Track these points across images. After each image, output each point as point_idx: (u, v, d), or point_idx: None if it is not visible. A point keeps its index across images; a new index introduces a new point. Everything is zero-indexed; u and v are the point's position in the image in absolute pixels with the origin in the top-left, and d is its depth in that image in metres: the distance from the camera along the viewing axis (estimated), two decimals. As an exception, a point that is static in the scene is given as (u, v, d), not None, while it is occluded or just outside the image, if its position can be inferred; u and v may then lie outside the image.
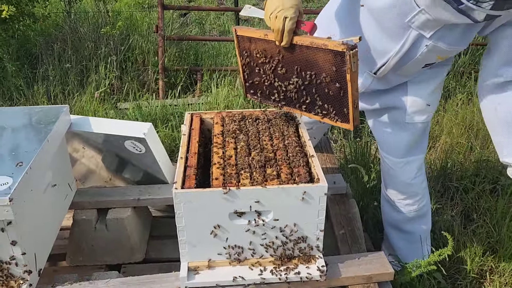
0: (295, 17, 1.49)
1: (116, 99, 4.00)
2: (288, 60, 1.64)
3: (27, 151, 1.56)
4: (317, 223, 1.53)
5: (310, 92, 1.63)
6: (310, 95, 1.64)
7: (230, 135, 1.76)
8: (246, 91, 1.89)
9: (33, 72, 4.11)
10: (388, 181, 2.11)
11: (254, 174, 1.54)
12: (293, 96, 1.70)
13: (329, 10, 1.95)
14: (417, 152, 2.00)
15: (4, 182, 1.39)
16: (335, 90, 1.54)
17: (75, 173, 2.38)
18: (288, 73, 1.67)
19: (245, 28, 1.74)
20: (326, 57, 1.50)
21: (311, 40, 1.51)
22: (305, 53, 1.56)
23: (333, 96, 1.57)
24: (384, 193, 2.19)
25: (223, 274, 1.56)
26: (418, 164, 2.02)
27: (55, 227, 1.81)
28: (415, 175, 2.03)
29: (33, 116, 1.81)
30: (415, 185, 2.05)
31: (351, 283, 1.61)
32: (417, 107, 1.90)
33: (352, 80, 1.47)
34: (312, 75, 1.58)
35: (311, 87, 1.62)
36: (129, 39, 4.38)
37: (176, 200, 1.44)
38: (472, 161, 3.11)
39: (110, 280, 1.62)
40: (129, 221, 2.00)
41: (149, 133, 1.93)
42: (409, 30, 1.61)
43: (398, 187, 2.07)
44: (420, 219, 2.15)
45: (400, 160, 1.99)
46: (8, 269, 1.48)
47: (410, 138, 1.95)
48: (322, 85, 1.58)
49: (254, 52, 1.73)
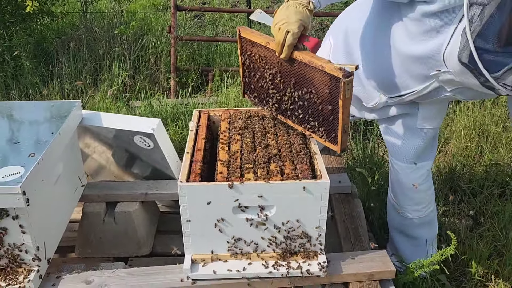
0: (297, 33, 1.48)
1: (128, 98, 4.07)
2: (286, 72, 1.64)
3: (39, 143, 1.61)
4: (319, 219, 1.55)
5: (303, 107, 1.64)
6: (303, 110, 1.65)
7: (236, 132, 1.80)
8: (244, 91, 1.91)
9: (49, 70, 4.21)
10: (396, 186, 2.11)
11: (258, 169, 1.57)
12: (287, 107, 1.71)
13: (350, 23, 1.93)
14: (426, 158, 2.01)
15: (16, 172, 1.44)
16: (327, 111, 1.55)
17: (87, 168, 2.44)
18: (284, 84, 1.67)
19: (249, 31, 1.75)
20: (322, 79, 1.50)
21: (310, 58, 1.51)
22: (303, 69, 1.56)
23: (324, 117, 1.58)
24: (390, 198, 2.19)
25: (226, 267, 1.59)
26: (426, 170, 2.03)
27: (64, 218, 1.86)
28: (423, 181, 2.03)
29: (47, 110, 1.87)
30: (422, 191, 2.05)
31: (352, 280, 1.63)
32: (428, 114, 1.91)
33: (344, 106, 1.47)
34: (307, 92, 1.59)
35: (304, 102, 1.63)
36: (143, 39, 4.45)
37: (181, 193, 1.48)
38: (482, 165, 3.09)
39: (116, 270, 1.66)
40: (137, 215, 2.04)
41: (158, 128, 1.97)
42: (432, 80, 1.64)
43: (406, 192, 2.07)
44: (426, 225, 2.15)
45: (409, 165, 2.00)
46: (18, 256, 1.53)
47: (420, 144, 1.96)
48: (315, 104, 1.58)
49: (255, 56, 1.74)
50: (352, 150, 3.30)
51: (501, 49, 1.30)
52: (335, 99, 1.49)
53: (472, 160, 3.17)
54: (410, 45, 1.58)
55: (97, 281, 1.60)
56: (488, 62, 1.33)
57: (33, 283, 1.52)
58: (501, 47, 1.29)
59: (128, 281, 1.60)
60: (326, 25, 6.04)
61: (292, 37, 1.49)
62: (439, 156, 3.25)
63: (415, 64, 1.62)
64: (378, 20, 1.73)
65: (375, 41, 1.75)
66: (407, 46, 1.60)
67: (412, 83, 1.71)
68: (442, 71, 1.56)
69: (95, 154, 2.37)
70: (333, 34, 2.05)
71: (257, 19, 1.73)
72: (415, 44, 1.57)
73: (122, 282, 1.60)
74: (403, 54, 1.64)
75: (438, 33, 1.48)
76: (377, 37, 1.73)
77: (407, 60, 1.64)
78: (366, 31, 1.80)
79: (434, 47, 1.52)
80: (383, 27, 1.68)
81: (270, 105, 1.79)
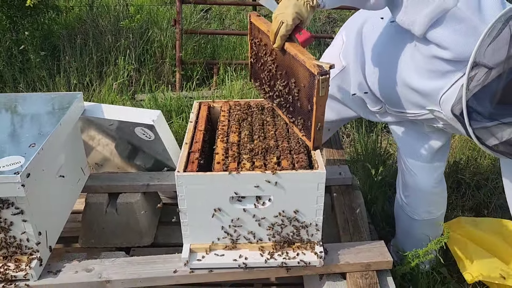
0: (291, 25, 1.48)
1: (134, 91, 4.10)
2: (279, 62, 1.66)
3: (40, 133, 1.64)
4: (316, 209, 1.56)
5: (288, 98, 1.65)
6: (287, 101, 1.66)
7: (235, 123, 1.81)
8: (251, 76, 1.94)
9: (56, 63, 4.25)
10: (410, 188, 2.04)
11: (255, 160, 1.58)
12: (278, 96, 1.72)
13: (366, 25, 1.90)
14: (441, 159, 1.97)
15: (17, 161, 1.47)
16: (306, 106, 1.54)
17: (91, 160, 2.47)
18: (277, 74, 1.69)
19: (259, 17, 1.77)
20: (304, 73, 1.50)
21: (296, 52, 1.51)
22: (291, 61, 1.56)
23: (303, 111, 1.58)
24: (400, 199, 2.14)
25: (224, 257, 1.60)
26: (441, 172, 1.99)
27: (67, 208, 1.89)
28: (438, 183, 2.00)
29: (49, 102, 1.89)
30: (436, 194, 2.03)
31: (349, 270, 1.63)
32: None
33: (318, 104, 1.45)
34: (292, 83, 1.60)
35: (289, 94, 1.64)
36: (148, 32, 4.47)
37: (179, 183, 1.50)
38: (487, 157, 3.06)
39: (116, 259, 1.69)
40: (139, 206, 2.07)
41: (158, 120, 1.99)
42: (427, 112, 1.67)
43: (419, 194, 2.02)
44: (434, 226, 2.11)
45: (425, 164, 1.95)
46: (20, 245, 1.56)
47: (436, 144, 1.92)
48: (296, 97, 1.59)
49: (260, 42, 1.76)
50: (356, 143, 3.30)
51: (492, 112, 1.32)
52: (312, 95, 1.48)
53: (477, 152, 3.14)
54: (413, 76, 1.59)
55: (97, 269, 1.63)
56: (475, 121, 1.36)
57: (35, 271, 1.55)
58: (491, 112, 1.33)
59: (127, 269, 1.63)
60: (333, 18, 6.01)
61: (285, 29, 1.49)
62: (444, 149, 3.23)
63: (414, 93, 1.64)
64: (392, 36, 1.71)
65: (383, 55, 1.74)
66: (410, 75, 1.61)
67: (408, 106, 1.74)
68: (436, 110, 1.60)
69: (99, 146, 2.40)
70: (346, 30, 2.01)
71: (265, 4, 1.74)
72: (418, 78, 1.58)
73: (121, 271, 1.62)
74: (405, 81, 1.65)
75: (442, 77, 1.50)
76: (385, 52, 1.72)
77: (407, 86, 1.65)
78: (378, 40, 1.78)
79: (434, 87, 1.53)
80: (394, 45, 1.67)
81: (267, 92, 1.80)
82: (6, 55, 4.21)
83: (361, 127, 3.37)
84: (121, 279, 1.60)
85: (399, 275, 1.90)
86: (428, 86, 1.56)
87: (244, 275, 1.62)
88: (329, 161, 2.41)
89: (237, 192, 1.52)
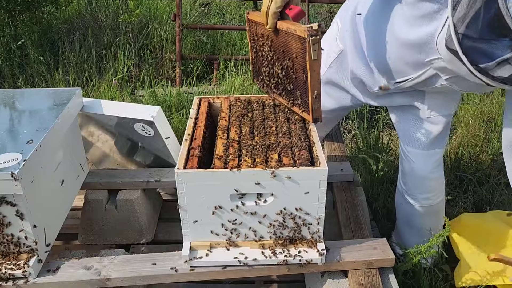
0: (280, 1, 1.48)
1: (133, 86, 4.07)
2: (275, 45, 1.64)
3: (38, 129, 1.62)
4: (318, 206, 1.54)
5: (286, 78, 1.64)
6: (285, 81, 1.65)
7: (236, 119, 1.78)
8: (253, 76, 1.91)
9: (55, 59, 4.22)
10: (407, 174, 2.07)
11: (256, 156, 1.55)
12: (278, 82, 1.70)
13: (357, 5, 1.91)
14: (439, 145, 1.97)
15: (14, 158, 1.45)
16: (301, 77, 1.52)
17: (90, 156, 2.45)
18: (275, 59, 1.67)
19: (254, 12, 1.76)
20: (296, 43, 1.49)
21: (288, 25, 1.50)
22: (285, 38, 1.55)
23: (299, 84, 1.56)
24: (400, 186, 2.16)
25: (224, 254, 1.59)
26: (439, 157, 1.99)
27: (66, 205, 1.87)
28: (435, 169, 2.00)
29: (47, 98, 1.87)
30: (433, 179, 2.03)
31: (351, 268, 1.62)
32: (435, 103, 1.88)
33: (312, 69, 1.43)
34: (288, 60, 1.58)
35: (287, 73, 1.62)
36: (148, 27, 4.44)
37: (178, 180, 1.47)
38: (489, 154, 3.04)
39: (115, 257, 1.67)
40: (138, 203, 2.05)
41: (158, 116, 1.97)
42: (428, 67, 1.62)
43: (417, 180, 2.04)
44: (433, 215, 2.12)
45: (422, 151, 1.97)
46: (18, 242, 1.54)
47: (432, 131, 1.92)
48: (294, 72, 1.57)
49: (258, 36, 1.74)
50: (357, 138, 3.27)
51: (492, 39, 1.26)
52: (306, 62, 1.46)
53: (480, 149, 3.12)
54: (406, 30, 1.56)
55: (96, 267, 1.61)
56: (473, 51, 1.29)
57: (33, 269, 1.53)
58: (490, 38, 1.26)
59: (127, 267, 1.61)
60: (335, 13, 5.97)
61: (274, 5, 1.49)
62: (445, 145, 3.21)
63: (411, 50, 1.60)
64: (380, 4, 1.70)
65: (376, 26, 1.73)
66: (403, 31, 1.58)
67: (408, 70, 1.70)
68: (435, 58, 1.54)
69: (99, 142, 2.38)
70: (340, 16, 2.03)
71: None
72: (411, 29, 1.54)
73: (121, 269, 1.60)
74: (400, 39, 1.62)
75: (432, 19, 1.46)
76: (378, 22, 1.71)
77: (403, 46, 1.62)
78: (369, 14, 1.79)
79: (428, 32, 1.49)
80: (383, 12, 1.66)
81: (268, 84, 1.78)
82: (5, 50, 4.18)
83: (363, 123, 3.35)
84: (121, 277, 1.58)
85: (401, 272, 1.88)
86: (423, 33, 1.52)
87: (245, 273, 1.60)
88: (330, 157, 2.39)
89: (238, 189, 1.50)
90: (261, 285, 2.02)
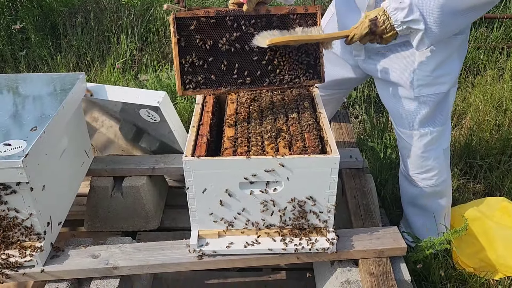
0: None
1: (137, 71, 4.02)
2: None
3: (42, 116, 1.58)
4: (329, 195, 1.50)
5: (284, 60, 1.65)
6: (282, 63, 1.65)
7: (244, 104, 1.74)
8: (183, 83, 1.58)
9: (57, 42, 4.16)
10: (404, 154, 2.06)
11: (265, 144, 1.51)
12: (267, 71, 1.64)
13: None
14: (432, 124, 1.91)
15: (18, 146, 1.41)
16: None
17: (94, 142, 2.42)
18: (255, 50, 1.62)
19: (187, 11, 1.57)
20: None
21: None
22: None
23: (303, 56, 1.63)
24: (402, 167, 2.15)
25: (233, 243, 1.56)
26: (433, 137, 1.94)
27: (71, 192, 1.84)
28: (428, 148, 1.96)
29: (50, 83, 1.82)
30: (428, 159, 1.98)
31: (362, 257, 1.59)
32: (423, 81, 1.81)
33: None
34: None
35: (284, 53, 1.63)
36: (151, 10, 4.35)
37: (186, 168, 1.44)
38: (499, 139, 2.99)
39: (122, 245, 1.65)
40: (144, 189, 2.02)
41: (164, 101, 1.92)
42: None
43: (413, 160, 2.01)
44: (437, 196, 2.08)
45: (412, 132, 1.93)
46: (24, 230, 1.52)
47: (422, 110, 1.87)
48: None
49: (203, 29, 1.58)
50: (365, 124, 3.22)
51: None
52: None
53: (489, 134, 3.07)
54: None
55: (103, 255, 1.59)
56: None
57: (40, 257, 1.52)
58: None
59: (134, 256, 1.59)
60: None
61: None
62: (454, 130, 3.16)
63: None
64: None
65: None
66: None
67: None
68: None
69: (103, 128, 2.34)
70: (334, 2, 2.06)
71: None
72: None
73: (128, 257, 1.59)
74: None
75: None
76: None
77: None
78: None
79: None
80: None
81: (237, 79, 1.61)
82: (6, 33, 4.12)
83: (370, 108, 3.30)
84: (128, 265, 1.56)
85: (411, 260, 1.86)
86: None
87: (253, 261, 1.58)
88: (338, 143, 2.34)
89: (247, 177, 1.46)
90: (269, 272, 2.01)
